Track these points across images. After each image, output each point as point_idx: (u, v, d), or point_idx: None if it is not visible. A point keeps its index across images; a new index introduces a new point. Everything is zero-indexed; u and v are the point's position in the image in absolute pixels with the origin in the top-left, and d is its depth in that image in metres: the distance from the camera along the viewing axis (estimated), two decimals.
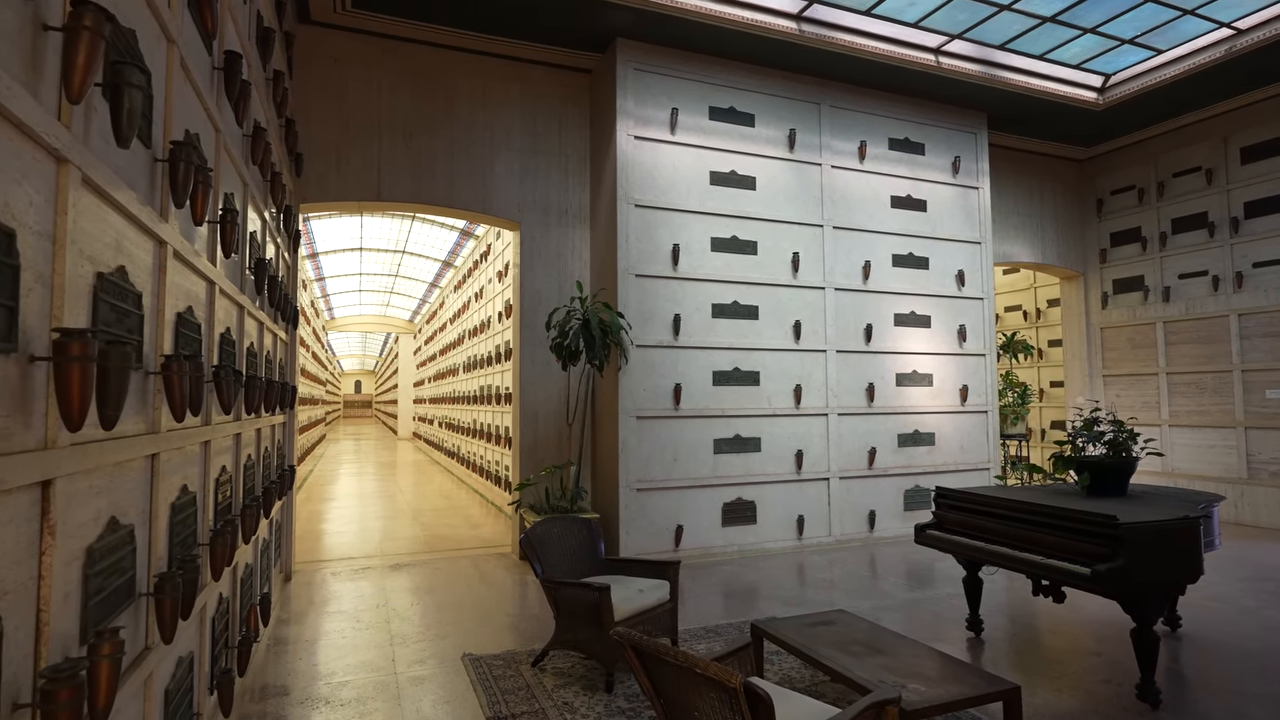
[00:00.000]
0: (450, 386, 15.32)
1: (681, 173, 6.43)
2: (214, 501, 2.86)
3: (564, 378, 6.46)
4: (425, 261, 15.87)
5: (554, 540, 4.00)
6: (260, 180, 3.85)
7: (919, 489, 7.21)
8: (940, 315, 7.50)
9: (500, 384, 10.08)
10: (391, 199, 6.06)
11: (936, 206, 7.58)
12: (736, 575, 5.73)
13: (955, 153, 7.70)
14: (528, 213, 6.51)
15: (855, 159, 7.19)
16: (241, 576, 3.51)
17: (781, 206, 6.81)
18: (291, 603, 5.02)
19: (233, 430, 3.09)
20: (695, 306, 6.38)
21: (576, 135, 6.77)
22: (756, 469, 6.51)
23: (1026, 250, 9.07)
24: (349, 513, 9.00)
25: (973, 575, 4.21)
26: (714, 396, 6.38)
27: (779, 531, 6.55)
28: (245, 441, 3.53)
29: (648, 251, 6.24)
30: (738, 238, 6.59)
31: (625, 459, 5.98)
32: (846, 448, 6.92)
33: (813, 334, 6.84)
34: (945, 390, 7.47)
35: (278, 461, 4.89)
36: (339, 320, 23.45)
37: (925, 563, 6.09)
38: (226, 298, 3.01)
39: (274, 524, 4.81)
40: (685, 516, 6.18)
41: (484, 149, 6.39)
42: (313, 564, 6.15)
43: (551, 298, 6.49)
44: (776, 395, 6.64)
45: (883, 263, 7.24)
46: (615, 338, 5.85)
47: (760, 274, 6.67)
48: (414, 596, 5.14)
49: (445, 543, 7.07)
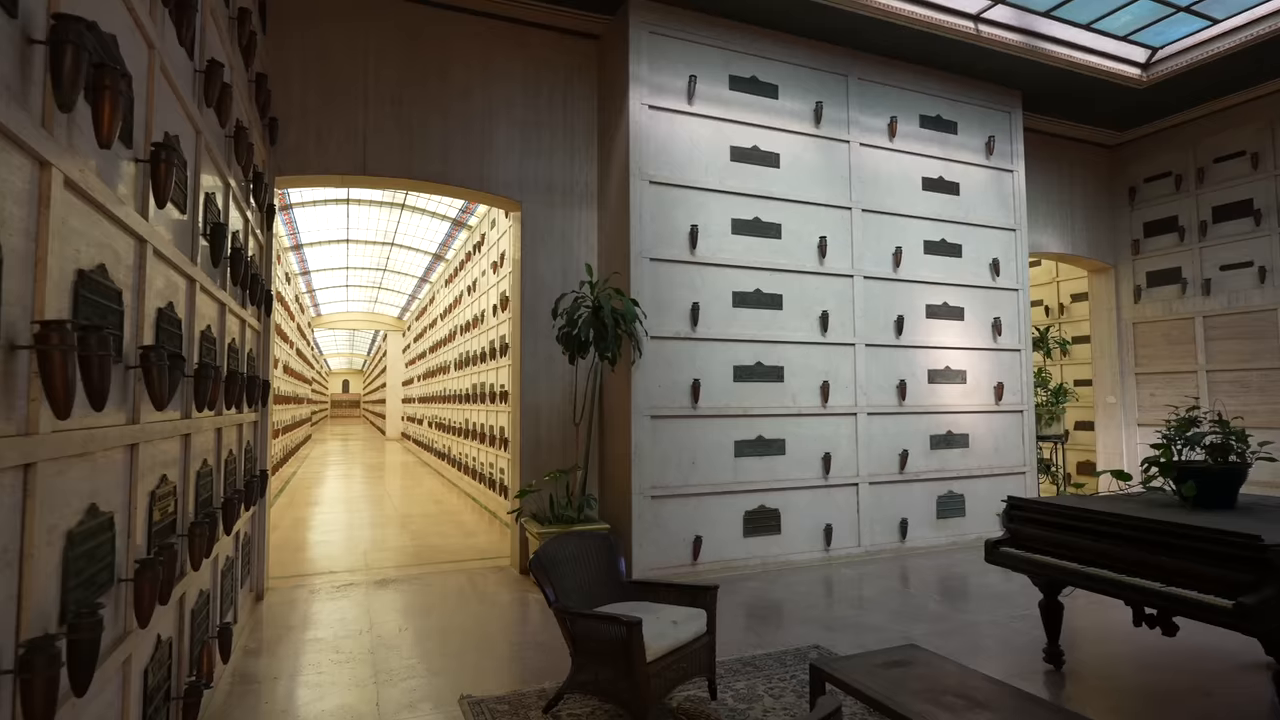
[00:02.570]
0: (440, 385, 14.67)
1: (700, 147, 5.84)
2: (146, 522, 2.24)
3: (569, 373, 5.85)
4: (415, 255, 15.20)
5: (567, 561, 3.40)
6: (218, 130, 3.22)
7: (952, 495, 6.65)
8: (974, 307, 6.95)
9: (495, 381, 9.46)
10: (378, 173, 5.43)
11: (969, 190, 7.03)
12: (763, 592, 5.15)
13: (989, 133, 7.16)
14: (529, 191, 5.90)
15: (885, 136, 6.63)
16: (192, 607, 2.89)
17: (807, 186, 6.24)
18: (263, 628, 4.39)
19: (174, 430, 2.47)
20: (715, 295, 5.79)
21: (583, 107, 6.16)
22: (781, 473, 5.93)
23: (1056, 241, 8.54)
24: (333, 519, 8.35)
25: (1051, 599, 3.64)
26: (735, 394, 5.80)
27: (805, 542, 5.97)
28: (198, 445, 2.91)
29: (663, 233, 5.64)
30: (760, 220, 6.01)
31: (639, 463, 5.38)
32: (876, 450, 6.35)
33: (840, 326, 6.27)
34: (979, 388, 6.92)
35: (245, 466, 4.25)
36: (325, 317, 22.70)
37: (966, 577, 5.53)
38: (166, 263, 2.39)
39: (241, 539, 4.18)
40: (704, 526, 5.59)
41: (481, 120, 5.78)
42: (290, 580, 5.51)
43: (555, 285, 5.88)
44: (802, 392, 6.06)
45: (914, 249, 6.68)
46: (629, 328, 5.25)
47: (784, 260, 6.08)
48: (403, 620, 4.51)
49: (437, 554, 6.45)
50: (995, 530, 6.87)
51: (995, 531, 6.93)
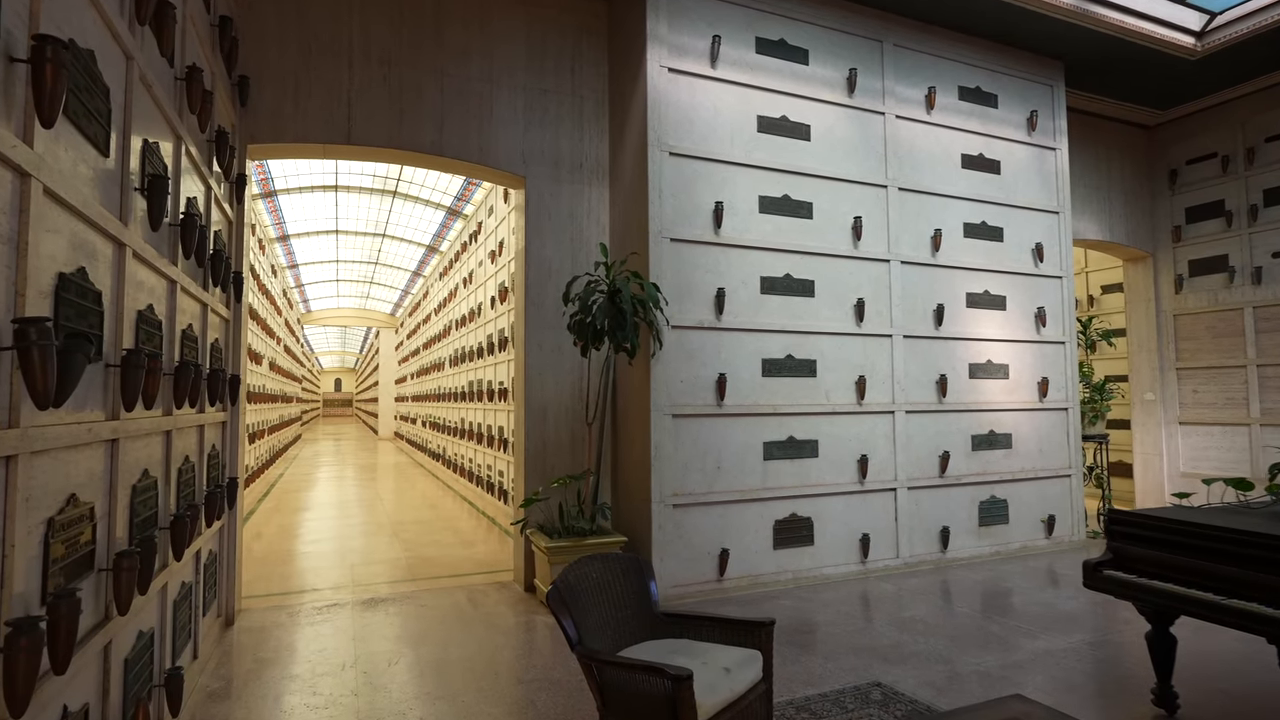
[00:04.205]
0: (435, 383, 14.06)
1: (724, 115, 5.25)
2: (41, 557, 1.65)
3: (579, 367, 5.26)
4: (407, 247, 14.58)
5: (591, 589, 2.81)
6: (160, 62, 2.61)
7: (994, 500, 6.10)
8: (1016, 296, 6.39)
9: (493, 378, 8.86)
10: (365, 142, 4.82)
11: (1011, 169, 6.47)
12: (799, 613, 4.57)
13: (1031, 107, 6.60)
14: (535, 165, 5.30)
15: (922, 108, 6.05)
16: (127, 654, 2.29)
17: (840, 161, 5.66)
18: (231, 661, 3.79)
19: (93, 435, 1.87)
20: (741, 279, 5.20)
21: (593, 74, 5.57)
22: (813, 478, 5.35)
23: (1093, 227, 7.99)
24: (320, 526, 7.74)
25: (1162, 631, 3.08)
26: (763, 390, 5.22)
27: (840, 554, 5.40)
28: (133, 454, 2.31)
29: (685, 210, 5.05)
30: (790, 197, 5.43)
31: (659, 467, 4.79)
32: (916, 452, 5.78)
33: (877, 315, 5.70)
34: (1022, 383, 6.36)
35: (209, 475, 3.65)
36: (316, 313, 22.02)
37: (1020, 594, 4.97)
38: (76, 217, 1.79)
39: (202, 559, 3.58)
40: (730, 537, 5.01)
41: (481, 85, 5.18)
42: (267, 599, 4.91)
43: (564, 270, 5.29)
44: (836, 389, 5.49)
45: (953, 232, 6.11)
46: (648, 315, 4.66)
47: (816, 242, 5.51)
48: (393, 651, 3.92)
49: (432, 567, 5.85)
50: (1040, 539, 6.34)
51: (1040, 540, 6.41)
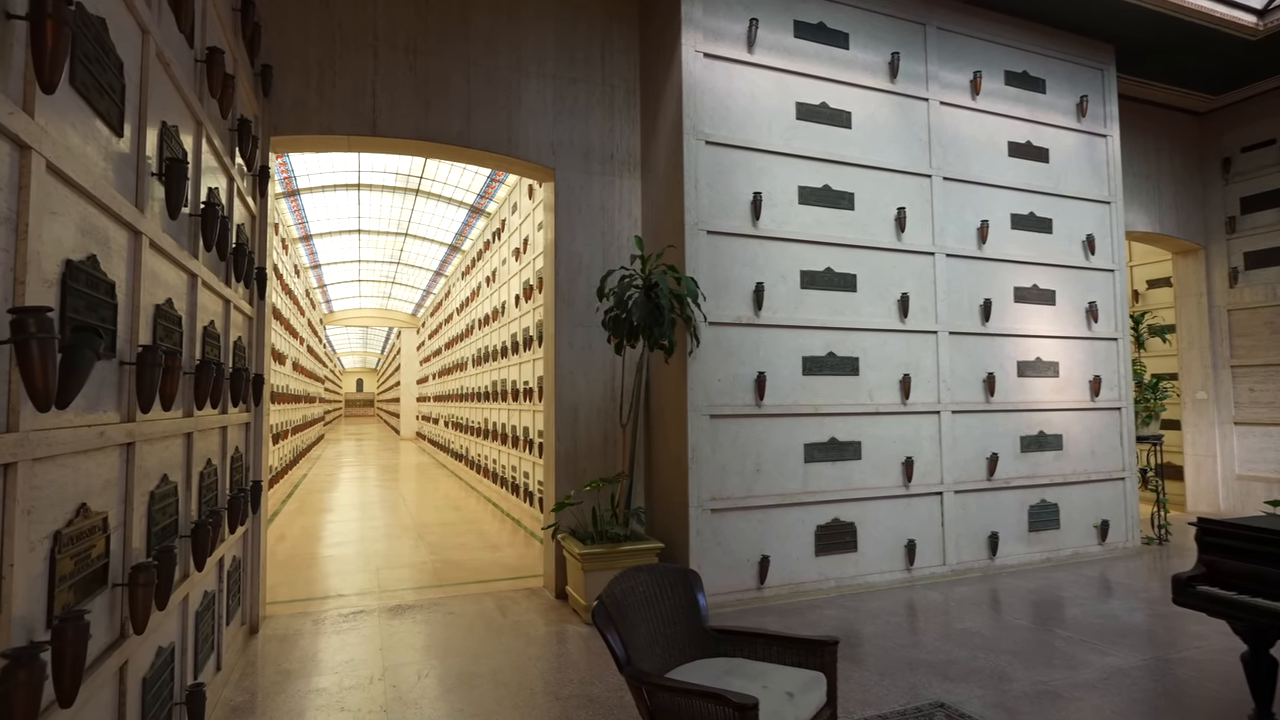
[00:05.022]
0: (457, 383, 13.96)
1: (761, 103, 5.02)
2: (46, 575, 1.48)
3: (611, 365, 5.07)
4: (430, 246, 14.49)
5: (638, 604, 2.60)
6: (179, 40, 2.45)
7: (1045, 504, 5.80)
8: (1066, 290, 6.09)
9: (517, 378, 8.70)
10: (390, 133, 4.66)
11: (1060, 157, 6.17)
12: (846, 623, 4.34)
13: (1080, 92, 6.29)
14: (564, 156, 5.11)
15: (967, 94, 5.78)
16: (145, 673, 2.13)
17: (882, 150, 5.41)
18: (256, 672, 3.64)
19: (106, 438, 1.70)
20: (781, 274, 4.97)
21: (623, 61, 5.37)
22: (856, 481, 5.11)
23: (1143, 218, 7.65)
24: (344, 529, 7.62)
25: (1261, 653, 2.81)
26: (804, 389, 4.98)
27: (884, 560, 5.15)
28: (150, 456, 2.14)
29: (721, 202, 4.84)
30: (830, 188, 5.19)
31: (696, 470, 4.58)
32: (962, 454, 5.51)
33: (921, 311, 5.43)
34: (1073, 381, 6.06)
35: (233, 479, 3.50)
36: (338, 314, 22.07)
37: (1078, 604, 4.69)
38: (86, 199, 1.62)
39: (226, 566, 3.43)
40: (771, 544, 4.78)
41: (508, 74, 5.00)
42: (291, 605, 4.77)
43: (595, 264, 5.10)
44: (879, 388, 5.24)
45: (1000, 224, 5.83)
46: (685, 311, 4.45)
47: (858, 234, 5.26)
48: (422, 663, 3.75)
49: (459, 572, 5.68)
50: (1092, 545, 6.03)
51: (1093, 546, 6.10)
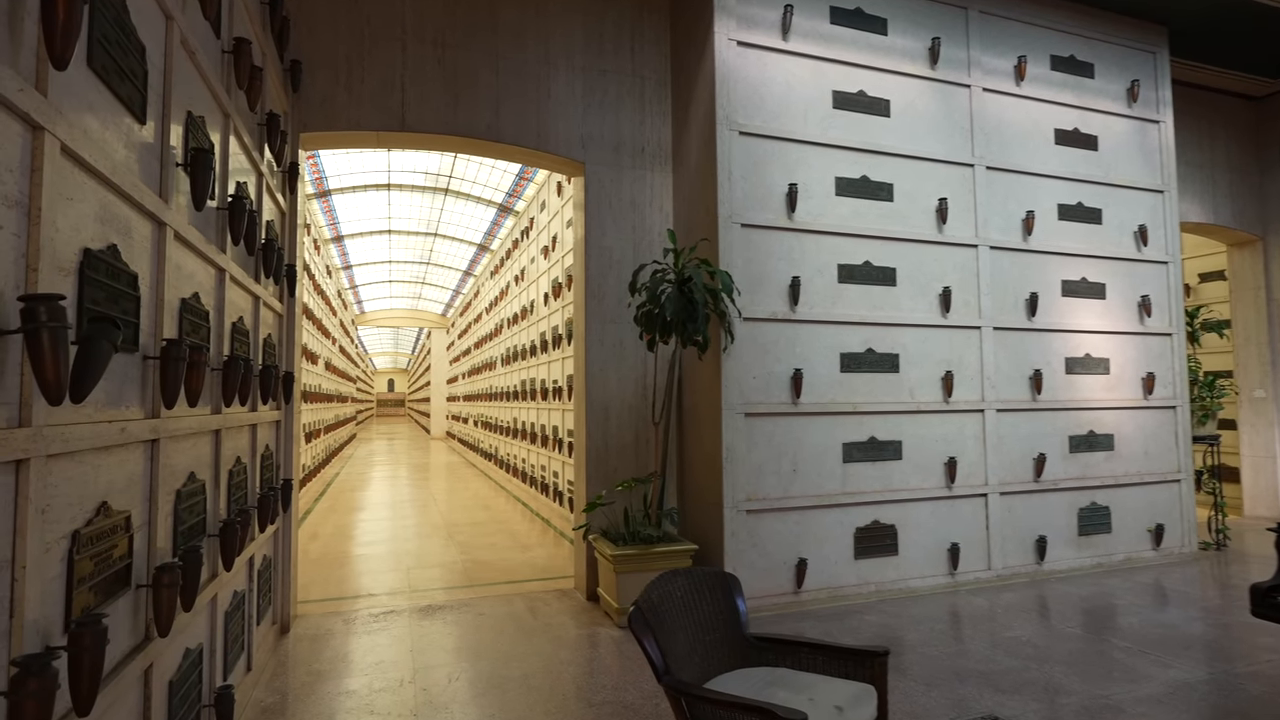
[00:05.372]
0: (486, 382, 13.99)
1: (797, 91, 4.88)
2: (64, 576, 1.42)
3: (643, 363, 4.96)
4: (459, 246, 14.55)
5: (676, 609, 2.49)
6: (205, 30, 2.40)
7: (1095, 507, 5.55)
8: (1116, 283, 5.83)
9: (546, 376, 8.65)
10: (419, 129, 4.62)
11: (1110, 144, 5.91)
12: (888, 630, 4.17)
13: (1131, 76, 6.01)
14: (594, 150, 5.02)
15: (1011, 80, 5.55)
16: (171, 676, 2.08)
17: (922, 139, 5.22)
18: (286, 672, 3.60)
19: (128, 434, 1.63)
20: (817, 268, 4.82)
21: (654, 52, 5.26)
22: (897, 482, 4.93)
23: (1196, 208, 7.31)
24: (375, 527, 7.63)
25: None
26: (842, 386, 4.82)
27: (926, 564, 4.97)
28: (176, 453, 2.09)
29: (756, 194, 4.70)
30: (869, 178, 5.02)
31: (731, 470, 4.45)
32: (1008, 454, 5.29)
33: (964, 305, 5.23)
34: (1125, 379, 5.79)
35: (263, 477, 3.47)
36: (369, 314, 22.34)
37: (1132, 612, 4.46)
38: (106, 186, 1.56)
39: (256, 565, 3.40)
40: (808, 546, 4.63)
41: (537, 67, 4.92)
42: (323, 604, 4.75)
43: (626, 260, 5.00)
44: (920, 385, 5.05)
45: (1047, 214, 5.60)
46: (720, 306, 4.33)
47: (898, 226, 5.08)
48: (453, 665, 3.68)
49: (489, 572, 5.63)
50: (1146, 550, 5.75)
51: (1146, 551, 5.82)
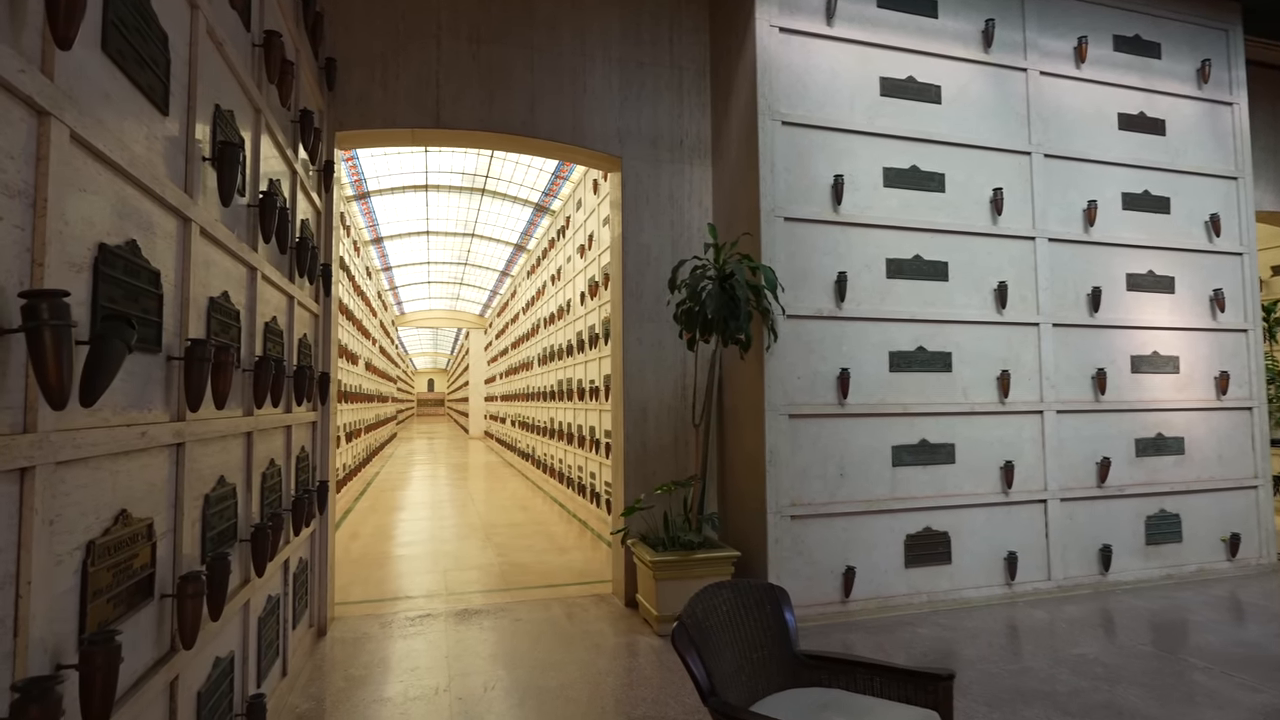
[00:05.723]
0: (523, 382, 14.00)
1: (842, 79, 4.68)
2: (78, 589, 1.34)
3: (683, 362, 4.82)
4: (496, 246, 14.59)
5: (721, 625, 2.35)
6: (233, 20, 2.34)
7: (1164, 515, 5.22)
8: (1187, 276, 5.47)
9: (583, 376, 8.56)
10: (454, 125, 4.55)
11: (1178, 128, 5.55)
12: (943, 644, 3.95)
13: (1201, 56, 5.65)
14: (631, 144, 4.90)
15: (1071, 63, 5.26)
16: (199, 687, 2.01)
17: (975, 126, 4.96)
18: (323, 676, 3.56)
19: (148, 438, 1.56)
20: (865, 262, 4.61)
21: (692, 42, 5.11)
22: (950, 487, 4.69)
23: (1272, 195, 6.86)
24: (414, 528, 7.64)
25: None
26: (891, 387, 4.61)
27: (981, 574, 4.72)
28: (204, 457, 2.02)
29: (800, 186, 4.52)
30: (918, 168, 4.79)
31: (774, 474, 4.28)
32: (1068, 458, 5.00)
33: (1021, 301, 4.96)
34: (1195, 378, 5.44)
35: (298, 479, 3.43)
36: (409, 315, 22.64)
37: (1207, 627, 4.15)
38: (124, 178, 1.48)
39: (291, 569, 3.35)
40: (856, 553, 4.43)
41: (573, 60, 4.82)
42: (361, 606, 4.72)
43: (664, 256, 4.86)
44: (974, 385, 4.81)
45: (1110, 204, 5.28)
46: (762, 303, 4.16)
47: (950, 218, 4.84)
48: (489, 672, 3.59)
49: (526, 575, 5.55)
50: (1220, 561, 5.38)
51: (1220, 563, 5.44)
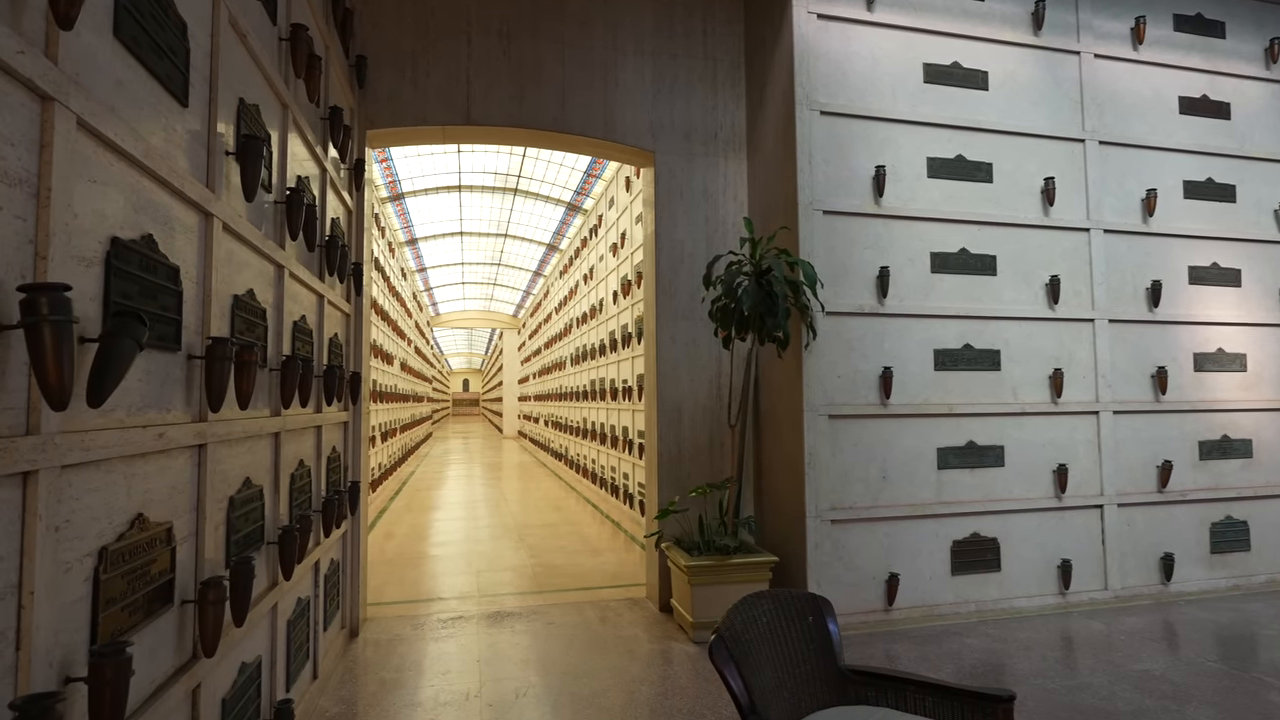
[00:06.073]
0: (556, 382, 13.99)
1: (883, 66, 4.50)
2: (89, 598, 1.28)
3: (718, 361, 4.70)
4: (528, 246, 14.62)
5: (761, 637, 2.22)
6: (259, 13, 2.29)
7: (1231, 521, 4.92)
8: (1254, 269, 5.16)
9: (615, 376, 8.49)
10: (485, 121, 4.49)
11: (1244, 111, 5.24)
12: (993, 656, 3.76)
13: (1269, 34, 5.32)
14: (664, 138, 4.79)
15: (1128, 44, 4.99)
16: (224, 694, 1.96)
17: (1025, 113, 4.74)
18: (354, 679, 3.53)
19: (166, 440, 1.50)
20: (908, 256, 4.43)
21: (726, 33, 4.98)
22: (999, 491, 4.48)
23: None
24: (447, 527, 7.64)
25: None
26: (936, 386, 4.42)
27: (1032, 583, 4.50)
28: (228, 459, 1.98)
29: (839, 178, 4.36)
30: (964, 158, 4.59)
31: (814, 476, 4.13)
32: (1126, 460, 4.75)
33: (1074, 295, 4.72)
34: (1265, 377, 5.12)
35: (328, 480, 3.40)
36: (444, 316, 22.87)
37: (1275, 640, 3.88)
38: (140, 170, 1.42)
39: (322, 570, 3.32)
40: (900, 560, 4.26)
41: (604, 54, 4.73)
42: (393, 607, 4.69)
43: (698, 253, 4.74)
44: (1025, 384, 4.59)
45: (1170, 193, 5.00)
46: (801, 300, 4.01)
47: (997, 209, 4.63)
48: (521, 677, 3.51)
49: (560, 577, 5.48)
50: None
51: None
